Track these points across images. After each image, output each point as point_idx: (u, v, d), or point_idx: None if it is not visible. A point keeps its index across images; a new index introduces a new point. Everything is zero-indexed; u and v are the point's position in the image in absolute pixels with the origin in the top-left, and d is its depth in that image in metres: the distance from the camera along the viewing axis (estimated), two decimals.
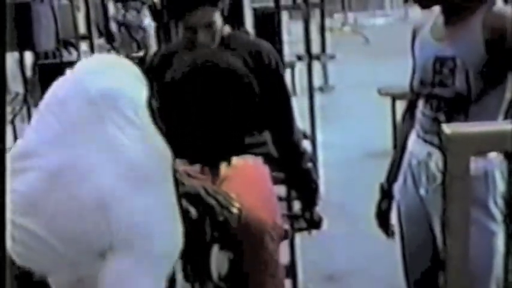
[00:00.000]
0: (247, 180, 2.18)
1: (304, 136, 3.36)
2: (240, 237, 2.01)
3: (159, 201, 1.46)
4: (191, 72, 2.25)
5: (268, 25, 3.50)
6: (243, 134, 2.32)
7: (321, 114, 4.09)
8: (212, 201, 1.92)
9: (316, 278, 3.65)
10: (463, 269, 1.04)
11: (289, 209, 3.04)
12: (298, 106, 2.72)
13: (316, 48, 6.58)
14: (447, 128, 1.01)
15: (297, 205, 2.82)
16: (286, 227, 2.63)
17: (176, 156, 2.08)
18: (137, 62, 1.71)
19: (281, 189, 2.90)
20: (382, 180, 2.21)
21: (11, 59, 5.02)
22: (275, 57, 2.37)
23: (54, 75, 1.57)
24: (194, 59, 2.27)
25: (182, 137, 2.18)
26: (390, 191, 2.17)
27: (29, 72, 5.37)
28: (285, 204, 3.00)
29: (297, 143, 2.50)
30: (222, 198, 1.94)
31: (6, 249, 0.82)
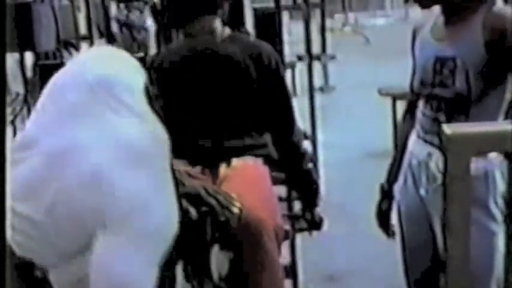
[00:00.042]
0: (247, 181, 2.18)
1: (305, 136, 3.36)
2: (240, 238, 2.01)
3: (154, 180, 1.45)
4: (190, 59, 2.28)
5: (269, 25, 3.50)
6: (242, 131, 2.32)
7: (322, 114, 4.09)
8: (213, 202, 1.92)
9: (316, 278, 3.65)
10: (463, 269, 1.04)
11: (290, 210, 3.04)
12: (299, 106, 2.72)
13: (316, 49, 6.58)
14: (447, 128, 1.01)
15: (297, 205, 2.82)
16: (287, 227, 2.63)
17: (176, 157, 2.08)
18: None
19: (282, 190, 2.90)
20: (382, 180, 2.21)
21: (11, 59, 5.02)
22: (275, 58, 2.37)
23: None
24: (194, 46, 2.29)
25: (181, 126, 2.19)
26: (390, 191, 2.17)
27: (29, 73, 5.36)
28: (285, 205, 3.00)
29: (297, 144, 2.50)
30: (222, 198, 1.94)
31: (6, 239, 0.82)
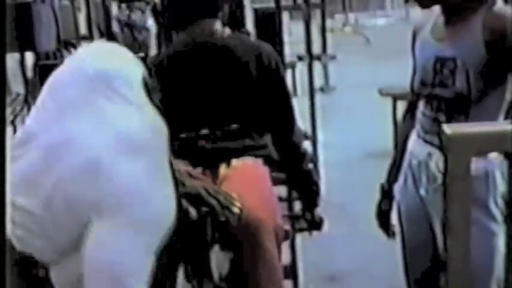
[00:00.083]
0: (247, 181, 2.18)
1: (305, 136, 3.36)
2: (240, 238, 2.01)
3: (152, 170, 1.45)
4: (189, 50, 2.30)
5: (269, 25, 3.50)
6: (242, 132, 2.32)
7: (322, 114, 4.10)
8: (213, 202, 1.92)
9: (316, 278, 3.65)
10: (463, 270, 1.04)
11: (290, 210, 3.04)
12: (299, 106, 2.72)
13: (317, 49, 6.60)
14: (448, 128, 1.01)
15: (297, 206, 2.82)
16: (287, 227, 2.63)
17: (177, 157, 2.08)
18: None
19: (282, 190, 2.90)
20: (382, 180, 2.21)
21: (11, 59, 5.02)
22: (275, 58, 2.37)
23: None
24: (193, 38, 2.31)
25: (181, 122, 2.20)
26: (390, 192, 2.17)
27: (29, 73, 5.36)
28: (285, 205, 3.00)
29: (297, 144, 2.50)
30: (223, 198, 1.94)
31: (6, 234, 0.82)
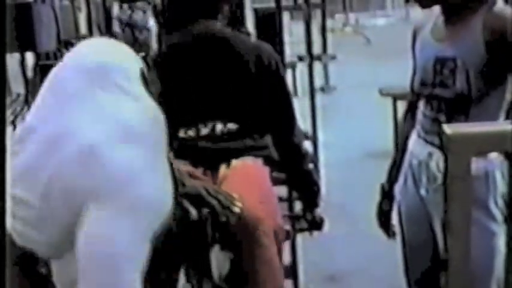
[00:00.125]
0: (247, 180, 2.18)
1: (305, 137, 3.36)
2: (239, 237, 2.01)
3: (149, 157, 1.45)
4: (188, 41, 2.31)
5: (269, 26, 3.49)
6: (242, 133, 2.32)
7: (322, 114, 4.09)
8: (213, 202, 1.92)
9: (317, 278, 3.65)
10: (464, 270, 1.04)
11: (291, 210, 3.04)
12: (300, 106, 2.72)
13: (317, 49, 6.58)
14: (448, 128, 1.01)
15: (298, 206, 2.82)
16: (288, 227, 2.63)
17: (177, 157, 2.08)
18: None
19: (282, 190, 2.90)
20: (382, 180, 2.21)
21: (12, 60, 5.02)
22: (275, 59, 2.37)
23: None
24: (191, 30, 2.32)
25: (180, 109, 2.20)
26: (391, 192, 2.17)
27: (30, 73, 5.36)
28: (286, 205, 3.00)
29: (298, 144, 2.50)
30: (223, 198, 1.94)
31: (6, 229, 0.82)
